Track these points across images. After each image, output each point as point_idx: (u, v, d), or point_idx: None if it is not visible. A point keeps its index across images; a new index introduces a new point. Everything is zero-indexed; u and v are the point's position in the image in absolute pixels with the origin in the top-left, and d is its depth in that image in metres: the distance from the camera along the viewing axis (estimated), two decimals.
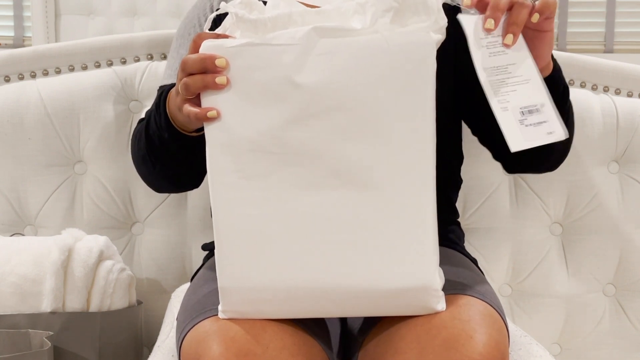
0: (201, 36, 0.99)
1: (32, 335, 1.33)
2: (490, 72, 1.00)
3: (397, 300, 0.99)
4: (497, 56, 1.01)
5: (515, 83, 1.01)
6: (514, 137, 1.00)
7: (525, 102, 1.01)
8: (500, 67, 1.01)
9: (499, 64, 1.01)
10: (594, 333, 1.64)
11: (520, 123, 1.00)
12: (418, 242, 0.98)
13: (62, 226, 1.53)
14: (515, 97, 1.00)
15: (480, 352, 0.96)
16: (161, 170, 1.22)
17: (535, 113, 1.01)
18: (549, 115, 1.01)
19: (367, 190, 0.97)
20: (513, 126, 1.00)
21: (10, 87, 1.57)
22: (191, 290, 1.18)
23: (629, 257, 1.62)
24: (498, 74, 1.01)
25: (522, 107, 1.00)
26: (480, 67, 1.00)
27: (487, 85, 1.00)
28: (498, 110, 1.00)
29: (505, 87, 1.00)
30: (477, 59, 1.00)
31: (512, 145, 1.00)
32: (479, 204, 1.60)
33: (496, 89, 1.00)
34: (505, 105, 1.00)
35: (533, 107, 1.01)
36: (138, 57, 1.59)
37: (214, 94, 0.98)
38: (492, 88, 1.00)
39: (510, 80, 1.01)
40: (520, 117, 1.00)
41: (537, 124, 1.00)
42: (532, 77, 1.02)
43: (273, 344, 0.99)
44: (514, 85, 1.01)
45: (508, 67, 1.01)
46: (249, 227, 0.98)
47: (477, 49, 1.00)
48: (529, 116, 1.00)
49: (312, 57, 0.95)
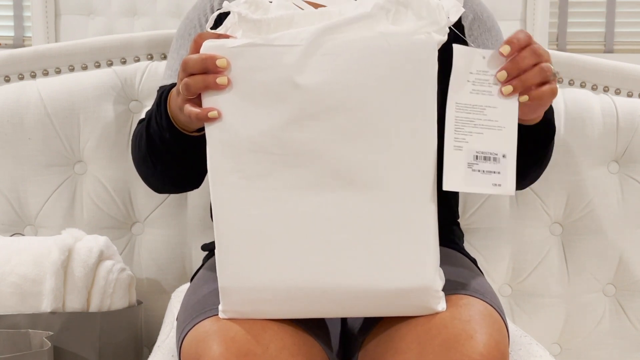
0: (202, 36, 0.99)
1: (32, 335, 1.33)
2: (462, 109, 0.98)
3: (397, 300, 0.99)
4: (480, 95, 0.99)
5: (486, 127, 0.98)
6: (452, 176, 0.98)
7: (485, 147, 0.98)
8: (477, 106, 0.98)
9: (478, 103, 0.98)
10: (594, 333, 1.64)
11: (468, 166, 0.98)
12: (418, 243, 0.98)
13: (62, 226, 1.53)
14: (477, 139, 0.98)
15: (480, 352, 0.96)
16: (162, 171, 1.22)
17: (491, 161, 0.98)
18: (504, 168, 0.98)
19: (367, 191, 0.97)
20: (458, 167, 0.98)
21: (10, 87, 1.57)
22: (191, 290, 1.18)
23: (629, 257, 1.62)
24: (470, 112, 0.98)
25: (479, 151, 0.98)
26: (454, 101, 0.98)
27: (452, 120, 0.98)
28: (450, 147, 0.98)
29: (471, 128, 0.98)
30: (455, 92, 0.98)
31: (446, 184, 0.98)
32: (479, 204, 1.60)
33: (459, 127, 0.98)
34: (460, 145, 0.98)
35: (491, 155, 0.98)
36: (138, 57, 1.59)
37: (215, 94, 0.98)
38: (456, 124, 0.98)
39: (482, 122, 0.98)
40: (472, 160, 0.98)
41: (487, 172, 0.98)
42: (508, 127, 0.99)
43: (273, 344, 0.99)
44: (482, 128, 0.98)
45: (486, 109, 0.99)
46: (249, 227, 0.98)
47: (461, 82, 0.98)
48: (482, 162, 0.98)
49: (314, 58, 0.95)
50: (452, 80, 0.98)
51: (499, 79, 0.99)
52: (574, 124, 1.58)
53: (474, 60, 0.99)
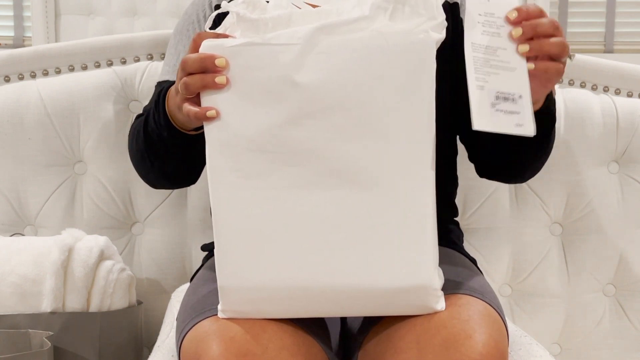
0: (201, 35, 0.99)
1: (32, 335, 1.33)
2: (477, 49, 0.99)
3: (396, 299, 0.99)
4: (490, 36, 0.99)
5: (500, 67, 0.99)
6: (481, 116, 0.98)
7: (503, 87, 0.99)
8: (489, 47, 0.99)
9: (489, 44, 0.99)
10: (594, 333, 1.64)
11: (492, 106, 0.99)
12: (417, 242, 0.98)
13: (62, 226, 1.53)
14: (495, 79, 0.99)
15: (479, 352, 0.96)
16: (159, 167, 1.22)
17: (510, 101, 0.99)
18: (522, 108, 0.99)
19: (366, 190, 0.97)
20: (484, 106, 0.98)
21: (10, 87, 1.57)
22: (191, 290, 1.18)
23: (629, 257, 1.62)
24: (484, 52, 0.99)
25: (499, 91, 0.99)
26: (469, 41, 0.99)
27: (470, 59, 0.98)
28: (473, 86, 0.98)
29: (488, 68, 0.99)
30: (469, 32, 0.99)
31: (476, 124, 0.98)
32: (479, 204, 1.60)
33: (478, 67, 0.99)
34: (482, 84, 0.99)
35: (509, 95, 0.99)
36: (138, 57, 1.59)
37: (214, 94, 0.98)
38: (475, 64, 0.99)
39: (495, 62, 0.99)
40: (493, 100, 0.99)
41: (509, 112, 0.99)
42: (519, 67, 1.00)
43: (273, 343, 0.99)
44: (497, 69, 0.99)
45: (497, 51, 0.99)
46: (248, 227, 0.99)
47: (473, 23, 0.99)
48: (503, 102, 0.99)
49: (312, 57, 0.95)
50: (466, 19, 0.99)
51: (513, 34, 0.99)
52: (574, 124, 1.58)
53: (481, 2, 0.99)
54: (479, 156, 1.30)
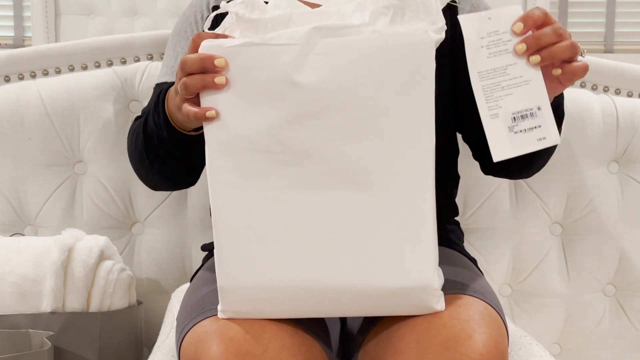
0: (200, 36, 0.99)
1: (32, 335, 1.33)
2: (485, 76, 0.97)
3: (396, 300, 0.99)
4: (497, 57, 0.97)
5: (513, 85, 0.97)
6: (499, 146, 0.97)
7: (520, 106, 0.97)
8: (498, 68, 0.97)
9: (498, 65, 0.97)
10: (594, 333, 1.64)
11: (510, 130, 0.97)
12: (417, 242, 0.98)
13: (62, 226, 1.53)
14: (509, 101, 0.97)
15: (479, 352, 0.96)
16: (159, 168, 1.22)
17: (529, 118, 0.97)
18: (543, 120, 0.97)
19: (366, 190, 0.97)
20: (501, 134, 0.97)
21: (10, 87, 1.57)
22: (191, 290, 1.18)
23: (629, 257, 1.62)
24: (495, 76, 0.97)
25: (515, 112, 0.97)
26: (475, 72, 0.97)
27: (480, 90, 0.97)
28: (487, 117, 0.96)
29: (500, 92, 0.97)
30: (473, 62, 0.97)
31: (496, 155, 0.97)
32: (479, 204, 1.60)
33: (489, 94, 0.97)
34: (495, 112, 0.97)
35: (527, 112, 0.97)
36: (138, 57, 1.59)
37: (213, 94, 0.98)
38: (485, 93, 0.97)
39: (507, 82, 0.97)
40: (510, 123, 0.97)
41: (529, 130, 0.97)
42: (534, 78, 0.98)
43: (272, 343, 0.99)
44: (510, 89, 0.97)
45: (507, 68, 0.97)
46: (248, 227, 0.99)
47: (476, 50, 0.97)
48: (521, 122, 0.97)
49: (312, 57, 0.95)
50: (467, 50, 0.97)
51: (517, 51, 0.97)
52: (574, 124, 1.58)
53: (481, 24, 0.97)
54: (484, 154, 1.30)
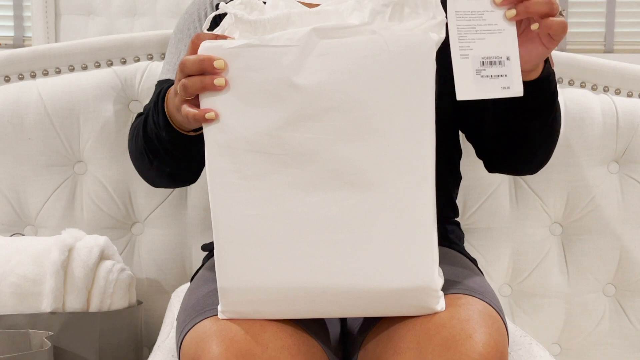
0: (200, 37, 0.99)
1: (32, 335, 1.33)
2: (462, 16, 0.98)
3: (396, 300, 0.99)
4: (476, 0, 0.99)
5: (486, 31, 0.99)
6: (464, 86, 0.98)
7: (490, 52, 0.98)
8: (475, 12, 0.99)
9: (476, 8, 0.99)
10: (594, 333, 1.64)
11: (477, 73, 0.98)
12: (417, 243, 0.98)
13: (62, 226, 1.53)
14: (480, 45, 0.98)
15: (479, 352, 0.96)
16: (158, 167, 1.22)
17: (497, 65, 0.98)
18: (510, 70, 0.98)
19: (366, 191, 0.97)
20: (468, 75, 0.98)
21: (10, 87, 1.57)
22: (191, 290, 1.18)
23: (629, 257, 1.62)
24: (471, 19, 0.98)
25: (484, 56, 0.98)
26: (453, 10, 0.98)
27: (454, 29, 0.98)
28: (457, 56, 0.98)
29: (473, 34, 0.98)
30: (452, 1, 0.98)
31: (460, 94, 0.98)
32: (479, 204, 1.60)
33: (462, 35, 0.98)
34: (466, 53, 0.98)
35: (496, 59, 0.99)
36: (138, 57, 1.59)
37: (213, 95, 0.98)
38: (459, 33, 0.98)
39: (482, 27, 0.98)
40: (479, 66, 0.98)
41: (495, 77, 0.98)
42: (507, 29, 0.99)
43: (273, 344, 0.99)
44: (483, 34, 0.98)
45: (484, 14, 0.99)
46: (248, 228, 0.98)
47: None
48: (489, 67, 0.98)
49: (311, 58, 0.95)
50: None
51: (495, 2, 0.99)
52: (574, 124, 1.58)
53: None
54: (487, 150, 1.30)
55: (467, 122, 1.31)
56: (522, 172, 1.37)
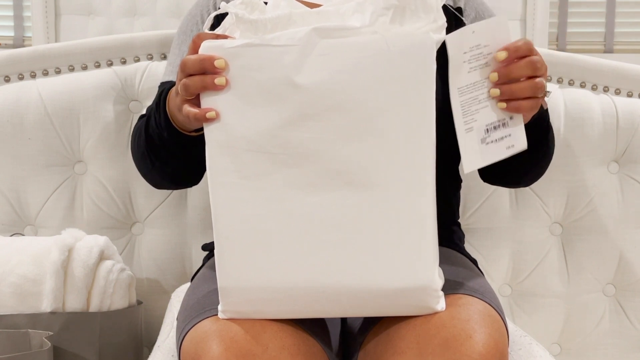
0: (201, 36, 0.99)
1: (32, 335, 1.33)
2: (464, 91, 0.99)
3: (396, 300, 0.99)
4: (478, 70, 1.00)
5: (489, 98, 1.00)
6: (471, 158, 1.00)
7: (494, 117, 1.00)
8: (477, 82, 1.00)
9: (478, 79, 1.00)
10: (594, 333, 1.64)
11: (482, 142, 1.00)
12: (417, 243, 0.98)
13: (62, 226, 1.53)
14: (484, 113, 1.00)
15: (479, 352, 0.96)
16: (160, 168, 1.22)
17: (500, 128, 1.00)
18: (513, 128, 1.00)
19: (366, 191, 0.97)
20: (473, 147, 1.00)
21: (10, 87, 1.57)
22: (191, 290, 1.18)
23: (629, 257, 1.62)
24: (473, 90, 1.00)
25: (489, 123, 1.00)
26: (455, 88, 0.99)
27: (457, 106, 0.99)
28: (462, 132, 1.00)
29: (477, 105, 1.00)
30: (453, 79, 0.99)
31: (467, 167, 1.00)
32: (479, 204, 1.60)
33: (466, 109, 1.00)
34: (470, 126, 1.00)
35: (499, 122, 1.00)
36: (138, 57, 1.59)
37: (214, 95, 0.98)
38: (462, 108, 0.99)
39: (485, 95, 1.00)
40: (483, 135, 1.00)
41: (499, 140, 1.00)
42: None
43: (273, 343, 0.99)
44: (486, 101, 1.00)
45: (486, 82, 1.00)
46: (248, 227, 0.99)
47: (458, 67, 0.99)
48: (493, 132, 1.00)
49: (312, 58, 0.95)
50: (450, 68, 0.99)
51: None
52: (574, 124, 1.58)
53: (465, 39, 0.99)
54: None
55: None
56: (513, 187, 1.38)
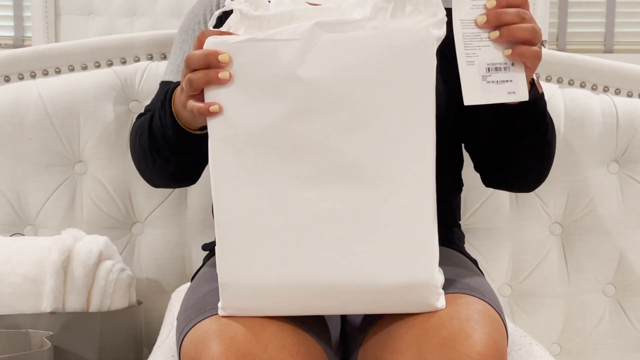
0: (205, 33, 1.00)
1: (32, 335, 1.33)
2: (467, 25, 1.00)
3: (396, 296, 0.99)
4: (480, 9, 1.00)
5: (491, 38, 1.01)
6: (471, 91, 1.00)
7: (494, 59, 1.01)
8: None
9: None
10: (594, 333, 1.64)
11: (483, 79, 1.00)
12: (418, 238, 0.98)
13: (62, 226, 1.53)
14: (486, 52, 1.00)
15: (478, 352, 0.96)
16: (161, 166, 1.22)
17: (502, 71, 1.01)
18: (515, 75, 1.01)
19: (367, 185, 0.97)
20: (474, 80, 1.00)
21: (10, 87, 1.57)
22: (191, 290, 1.18)
23: (629, 257, 1.62)
24: (475, 27, 1.00)
25: (490, 63, 1.00)
26: (458, 19, 1.00)
27: (460, 37, 1.00)
28: (463, 63, 1.00)
29: (478, 42, 1.00)
30: (457, 10, 1.00)
31: (467, 99, 1.00)
32: (479, 204, 1.60)
33: (468, 42, 1.00)
34: (472, 59, 1.00)
35: (501, 65, 1.01)
36: (138, 57, 1.59)
37: (217, 89, 0.99)
38: (464, 40, 1.00)
39: (486, 34, 1.01)
40: (484, 72, 1.00)
41: (500, 82, 1.00)
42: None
43: (273, 343, 0.99)
44: (488, 40, 1.01)
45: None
46: (250, 222, 0.99)
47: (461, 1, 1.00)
48: (494, 73, 1.00)
49: (314, 52, 0.96)
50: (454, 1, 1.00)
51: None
52: (574, 124, 1.58)
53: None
54: (481, 165, 1.30)
55: (465, 133, 1.31)
56: (516, 191, 1.37)
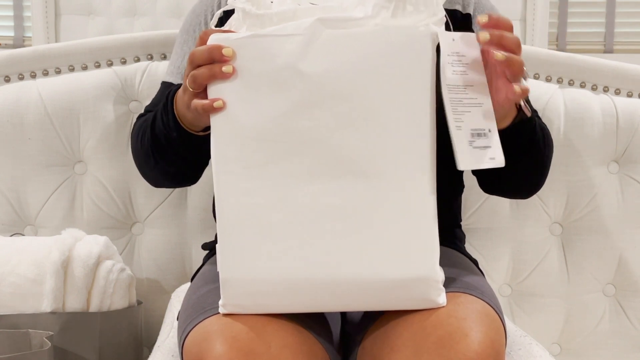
0: (207, 32, 1.01)
1: (32, 335, 1.33)
2: (452, 89, 1.01)
3: (397, 291, 0.99)
4: (458, 75, 1.02)
5: (471, 104, 1.02)
6: (463, 156, 1.01)
7: (476, 124, 1.02)
8: (460, 86, 1.02)
9: (460, 83, 1.02)
10: (594, 333, 1.64)
11: (470, 144, 1.01)
12: (419, 233, 0.99)
13: (62, 226, 1.53)
14: (469, 117, 1.02)
15: (475, 351, 0.96)
16: (163, 167, 1.22)
17: (483, 137, 1.02)
18: (493, 142, 1.02)
19: (368, 180, 0.98)
20: (464, 145, 1.01)
21: (10, 87, 1.57)
22: (192, 289, 1.18)
23: (629, 257, 1.62)
24: (458, 92, 1.02)
25: (473, 128, 1.02)
26: (445, 83, 1.01)
27: (448, 101, 1.01)
28: (453, 128, 1.01)
29: (462, 107, 1.02)
30: (443, 74, 1.01)
31: (460, 164, 1.01)
32: (479, 204, 1.60)
33: (454, 107, 1.01)
34: (459, 124, 1.01)
35: (481, 131, 1.02)
36: (138, 57, 1.59)
37: (220, 85, 0.99)
38: (452, 105, 1.01)
39: (467, 100, 1.02)
40: (470, 137, 1.01)
41: (483, 148, 1.02)
42: (485, 102, 1.03)
43: (275, 342, 0.99)
44: (469, 107, 1.02)
45: (466, 88, 1.02)
46: (251, 216, 0.99)
47: (445, 64, 1.01)
48: (477, 139, 1.02)
49: (316, 47, 0.97)
50: (441, 62, 1.01)
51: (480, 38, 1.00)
52: (574, 124, 1.58)
53: (447, 42, 1.01)
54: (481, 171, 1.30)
55: None
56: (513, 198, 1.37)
